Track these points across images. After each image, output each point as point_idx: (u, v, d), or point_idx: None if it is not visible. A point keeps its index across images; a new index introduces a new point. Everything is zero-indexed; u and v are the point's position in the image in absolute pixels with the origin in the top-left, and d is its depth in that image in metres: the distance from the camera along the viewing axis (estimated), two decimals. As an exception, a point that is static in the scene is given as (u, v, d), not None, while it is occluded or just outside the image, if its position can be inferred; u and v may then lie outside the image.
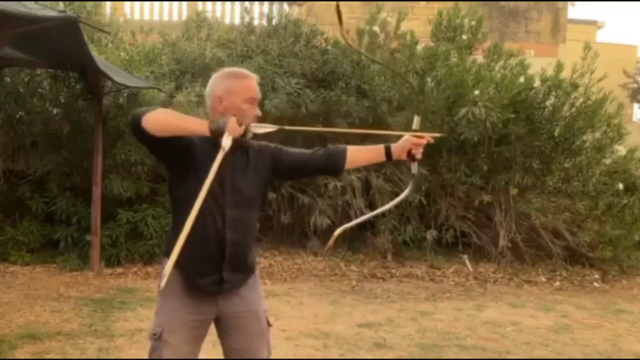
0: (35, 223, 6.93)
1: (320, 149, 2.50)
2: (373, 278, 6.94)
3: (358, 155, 2.50)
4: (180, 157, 2.31)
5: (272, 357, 2.56)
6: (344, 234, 2.41)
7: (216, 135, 2.16)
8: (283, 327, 4.78)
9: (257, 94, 2.40)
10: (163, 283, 2.21)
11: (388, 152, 2.43)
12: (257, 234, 2.37)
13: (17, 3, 4.38)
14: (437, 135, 2.44)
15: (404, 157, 2.41)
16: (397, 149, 2.42)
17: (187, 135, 2.25)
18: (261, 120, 2.41)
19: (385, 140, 2.47)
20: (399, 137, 2.42)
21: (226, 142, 2.16)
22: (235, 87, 2.33)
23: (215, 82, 2.39)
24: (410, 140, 2.37)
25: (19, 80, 7.21)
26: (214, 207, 2.29)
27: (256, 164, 2.43)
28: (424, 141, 2.38)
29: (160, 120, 2.19)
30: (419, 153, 2.38)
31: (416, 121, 2.37)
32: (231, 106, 2.31)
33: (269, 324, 2.53)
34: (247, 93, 2.35)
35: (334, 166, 2.48)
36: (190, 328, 2.36)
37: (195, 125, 2.21)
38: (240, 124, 2.20)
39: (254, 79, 2.39)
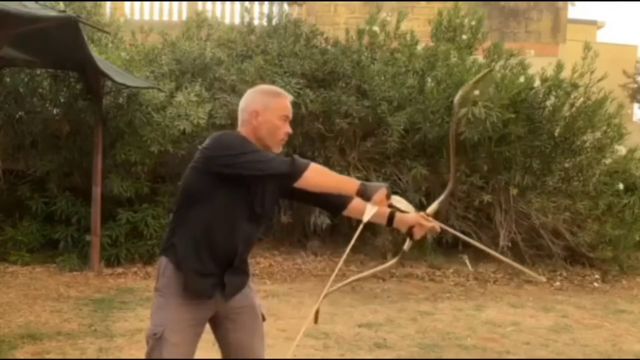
0: (35, 223, 6.93)
1: None
2: (373, 278, 6.93)
3: (357, 207, 2.49)
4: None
5: (268, 354, 2.60)
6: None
7: (361, 197, 2.29)
8: (283, 327, 4.77)
9: (291, 113, 2.51)
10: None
11: (391, 218, 2.47)
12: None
13: (17, 3, 4.37)
14: (443, 227, 2.49)
15: (403, 229, 2.44)
16: (401, 219, 2.46)
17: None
18: None
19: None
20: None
21: (368, 213, 2.27)
22: (272, 104, 2.44)
23: (253, 97, 2.49)
24: (418, 219, 2.41)
25: (19, 80, 7.20)
26: (231, 219, 2.36)
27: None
28: (429, 225, 2.39)
29: (320, 181, 2.31)
30: (418, 234, 2.39)
31: (432, 208, 2.39)
32: (266, 121, 2.42)
33: (264, 318, 2.61)
34: (283, 111, 2.46)
35: (337, 205, 2.57)
36: (191, 326, 2.39)
37: (348, 185, 2.33)
38: (388, 196, 2.27)
39: (289, 98, 2.52)
